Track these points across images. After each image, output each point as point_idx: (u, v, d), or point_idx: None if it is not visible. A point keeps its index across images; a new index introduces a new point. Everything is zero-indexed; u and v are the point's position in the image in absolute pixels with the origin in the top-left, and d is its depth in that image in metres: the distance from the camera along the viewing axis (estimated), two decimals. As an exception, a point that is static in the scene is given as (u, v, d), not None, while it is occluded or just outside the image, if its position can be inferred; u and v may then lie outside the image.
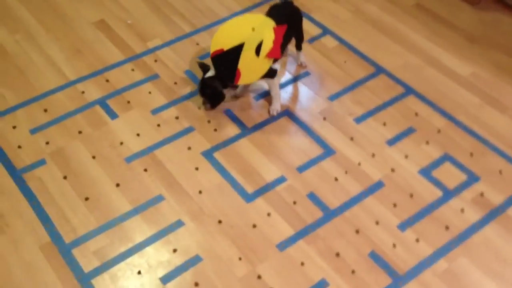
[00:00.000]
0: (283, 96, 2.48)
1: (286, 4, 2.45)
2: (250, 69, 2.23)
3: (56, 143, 2.27)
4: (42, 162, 2.20)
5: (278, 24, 2.27)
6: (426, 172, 2.21)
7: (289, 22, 2.34)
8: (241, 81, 2.25)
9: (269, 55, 2.21)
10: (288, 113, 2.42)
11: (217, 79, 2.30)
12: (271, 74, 2.31)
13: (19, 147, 2.25)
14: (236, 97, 2.46)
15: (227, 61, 2.24)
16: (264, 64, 2.23)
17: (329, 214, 2.07)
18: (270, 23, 2.27)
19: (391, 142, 2.31)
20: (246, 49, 2.20)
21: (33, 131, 2.31)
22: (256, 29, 2.24)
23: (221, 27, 2.36)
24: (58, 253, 1.94)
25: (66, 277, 1.89)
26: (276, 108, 2.40)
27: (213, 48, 2.27)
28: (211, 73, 2.32)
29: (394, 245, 1.98)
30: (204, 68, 2.35)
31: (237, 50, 2.21)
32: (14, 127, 2.32)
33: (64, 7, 2.87)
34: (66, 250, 1.95)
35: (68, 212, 2.06)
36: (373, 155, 2.26)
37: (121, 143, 2.29)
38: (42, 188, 2.12)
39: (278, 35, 2.23)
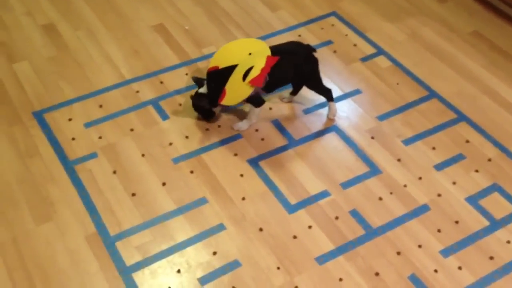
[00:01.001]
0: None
1: (305, 47, 2.33)
2: (234, 91, 2.22)
3: (108, 138, 2.34)
4: (93, 155, 2.26)
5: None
6: (473, 200, 2.17)
7: (295, 65, 2.28)
8: (224, 102, 2.23)
9: (252, 81, 2.19)
10: (336, 129, 2.42)
11: (206, 96, 2.30)
12: (256, 102, 2.31)
13: (73, 139, 2.32)
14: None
15: (218, 79, 2.25)
16: (246, 89, 2.20)
17: (371, 233, 2.06)
18: (266, 52, 2.25)
19: (439, 167, 2.28)
20: (237, 71, 2.21)
21: (87, 125, 2.38)
22: (252, 54, 2.24)
23: (225, 46, 2.38)
24: (102, 245, 1.99)
25: (108, 268, 1.93)
26: (241, 126, 2.39)
27: (211, 64, 2.30)
28: (203, 89, 2.32)
29: (435, 271, 1.96)
30: (199, 82, 2.35)
31: (229, 71, 2.22)
32: (69, 120, 2.40)
33: (126, 8, 2.96)
34: (110, 243, 2.00)
35: (114, 205, 2.10)
36: (420, 178, 2.24)
37: (170, 144, 2.33)
38: (92, 180, 2.18)
39: (267, 64, 2.21)
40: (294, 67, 2.29)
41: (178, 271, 1.94)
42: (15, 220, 2.04)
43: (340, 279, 1.93)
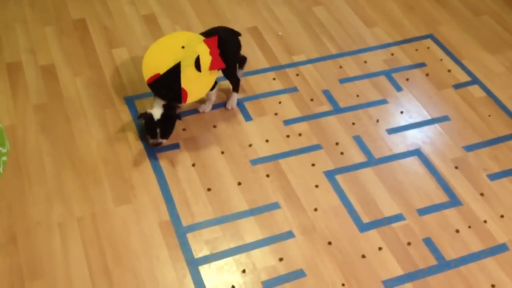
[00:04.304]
0: (417, 135, 2.43)
1: (231, 31, 2.40)
2: (196, 85, 2.19)
3: (191, 131, 2.40)
4: (176, 146, 2.33)
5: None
6: (557, 247, 2.06)
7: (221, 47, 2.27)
8: (190, 99, 2.19)
9: (211, 67, 2.19)
10: (419, 153, 2.37)
11: (168, 107, 2.19)
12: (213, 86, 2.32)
13: (159, 127, 2.40)
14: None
15: (167, 84, 2.17)
16: (209, 77, 2.22)
17: (443, 265, 2.00)
18: (199, 38, 2.24)
19: (524, 207, 2.19)
20: (184, 66, 2.17)
21: (174, 116, 2.45)
22: (186, 46, 2.20)
23: (148, 53, 2.25)
24: (174, 234, 2.04)
25: (177, 257, 1.98)
26: (206, 108, 2.45)
27: (147, 75, 2.19)
28: (157, 109, 2.19)
29: (507, 314, 1.88)
30: (145, 115, 2.19)
31: (174, 71, 2.17)
32: (158, 109, 2.48)
33: (224, 9, 3.03)
34: (182, 233, 2.05)
35: (190, 197, 2.16)
36: (502, 216, 2.15)
37: (250, 145, 2.36)
38: (172, 170, 2.24)
39: (212, 46, 2.21)
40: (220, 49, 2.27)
41: (243, 271, 1.96)
42: (97, 198, 2.13)
43: (405, 307, 1.89)
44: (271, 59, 2.76)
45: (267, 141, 2.39)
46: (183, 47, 2.22)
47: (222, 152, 2.33)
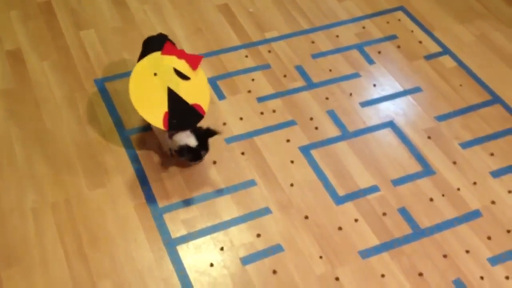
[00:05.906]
0: (390, 107, 2.45)
1: (160, 35, 2.29)
2: (197, 92, 2.08)
3: (164, 112, 2.37)
4: (149, 128, 2.30)
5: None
6: (528, 211, 2.11)
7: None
8: (205, 107, 2.07)
9: (194, 66, 2.08)
10: (392, 125, 2.38)
11: (197, 128, 2.07)
12: None
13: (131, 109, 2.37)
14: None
15: (181, 114, 2.03)
16: (200, 76, 2.11)
17: (418, 233, 2.03)
18: (156, 55, 2.09)
19: (496, 174, 2.22)
20: (175, 87, 2.05)
21: (146, 97, 2.42)
22: (156, 71, 2.07)
23: (137, 105, 2.03)
24: (150, 215, 2.03)
25: (154, 238, 1.97)
26: None
27: (159, 122, 2.01)
28: (186, 138, 2.03)
29: (481, 278, 1.91)
30: (185, 150, 2.04)
31: (173, 98, 2.03)
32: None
33: (193, -14, 2.98)
34: (158, 214, 2.04)
35: (165, 178, 2.14)
36: (475, 183, 2.18)
37: (224, 124, 2.35)
38: (146, 152, 2.22)
39: (173, 51, 2.10)
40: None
41: (221, 248, 1.96)
42: (70, 183, 2.10)
43: (382, 275, 1.91)
44: (243, 36, 2.74)
45: (241, 119, 2.38)
46: (155, 74, 2.07)
47: (196, 132, 2.31)
